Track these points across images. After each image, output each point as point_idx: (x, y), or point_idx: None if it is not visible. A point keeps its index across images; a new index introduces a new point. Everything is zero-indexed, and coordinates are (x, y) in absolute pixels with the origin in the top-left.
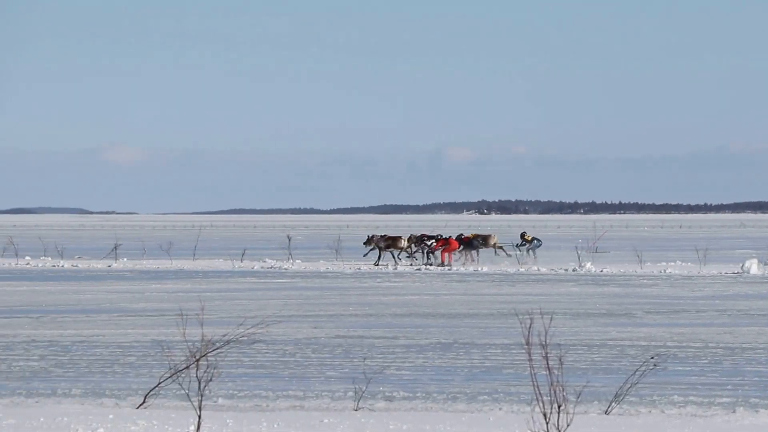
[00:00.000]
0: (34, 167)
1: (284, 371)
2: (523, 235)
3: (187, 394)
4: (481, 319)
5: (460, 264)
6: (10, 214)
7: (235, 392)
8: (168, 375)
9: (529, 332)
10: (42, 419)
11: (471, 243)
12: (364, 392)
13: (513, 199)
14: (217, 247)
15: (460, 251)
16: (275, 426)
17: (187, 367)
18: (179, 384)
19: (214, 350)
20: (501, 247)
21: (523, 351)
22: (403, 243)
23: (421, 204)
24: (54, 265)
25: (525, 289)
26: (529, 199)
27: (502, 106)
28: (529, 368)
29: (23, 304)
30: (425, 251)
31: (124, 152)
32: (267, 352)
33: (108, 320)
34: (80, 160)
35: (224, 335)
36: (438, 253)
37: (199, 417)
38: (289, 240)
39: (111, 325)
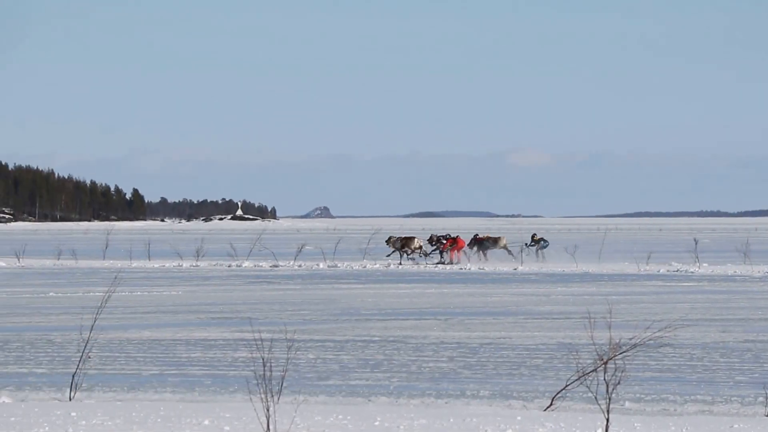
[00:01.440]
0: (444, 171)
1: (692, 375)
2: (533, 236)
3: (595, 397)
4: None
5: (472, 262)
6: (418, 217)
7: (642, 396)
8: (575, 377)
9: None
10: (452, 420)
11: (482, 243)
12: None
13: None
14: (622, 250)
15: (474, 251)
16: (683, 431)
17: (594, 370)
18: (586, 387)
19: (621, 353)
20: (509, 250)
21: None
22: (416, 243)
23: None
24: (461, 268)
25: None
26: None
27: None
28: None
29: (432, 306)
30: (438, 250)
31: (529, 156)
32: (674, 356)
33: (514, 322)
34: (487, 164)
35: (631, 338)
36: (447, 251)
37: (607, 420)
38: (696, 243)
39: (517, 328)
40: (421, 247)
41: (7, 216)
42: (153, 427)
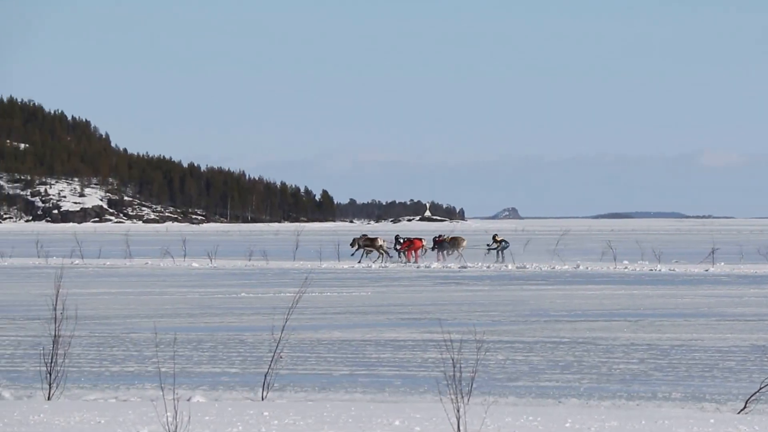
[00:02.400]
0: (633, 172)
1: None
2: (494, 237)
3: None
4: None
5: (430, 262)
6: (607, 218)
7: None
8: None
9: None
10: (643, 422)
11: (442, 244)
12: None
13: None
14: None
15: (434, 251)
16: None
17: None
18: None
19: None
20: (461, 253)
21: None
22: (379, 243)
23: None
24: (651, 269)
25: None
26: None
27: None
28: None
29: (622, 308)
30: (397, 251)
31: (721, 156)
32: None
33: (706, 324)
34: (678, 165)
35: None
36: (404, 252)
37: None
38: None
39: (709, 329)
40: (381, 247)
41: (199, 217)
42: (344, 427)
